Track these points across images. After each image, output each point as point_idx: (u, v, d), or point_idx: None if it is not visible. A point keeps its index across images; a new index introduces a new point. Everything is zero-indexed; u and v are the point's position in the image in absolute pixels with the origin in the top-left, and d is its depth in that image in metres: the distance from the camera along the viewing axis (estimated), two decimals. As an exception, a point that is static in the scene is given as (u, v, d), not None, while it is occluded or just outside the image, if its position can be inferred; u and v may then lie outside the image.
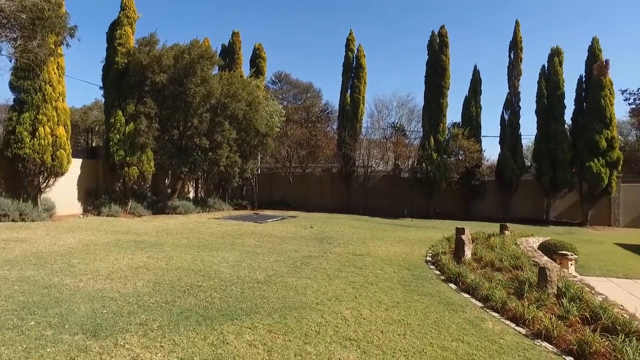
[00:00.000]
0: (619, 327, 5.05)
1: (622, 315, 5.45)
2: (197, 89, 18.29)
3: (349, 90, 26.56)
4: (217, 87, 19.01)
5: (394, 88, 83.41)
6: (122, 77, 18.15)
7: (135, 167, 17.83)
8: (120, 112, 17.83)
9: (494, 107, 62.81)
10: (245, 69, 27.31)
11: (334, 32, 73.79)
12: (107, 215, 16.91)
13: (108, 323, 5.12)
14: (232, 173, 21.42)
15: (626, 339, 4.65)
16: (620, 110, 35.68)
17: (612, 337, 4.76)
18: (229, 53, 26.84)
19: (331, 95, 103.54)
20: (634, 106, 32.47)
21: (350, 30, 27.01)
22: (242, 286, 7.10)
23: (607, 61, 21.82)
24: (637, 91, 31.88)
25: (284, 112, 26.26)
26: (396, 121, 36.98)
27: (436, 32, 24.74)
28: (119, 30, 18.28)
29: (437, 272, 8.58)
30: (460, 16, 64.90)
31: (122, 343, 4.56)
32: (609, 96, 21.52)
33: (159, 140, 18.87)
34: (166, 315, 5.47)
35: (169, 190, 21.94)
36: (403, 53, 70.97)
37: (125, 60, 18.14)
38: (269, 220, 18.18)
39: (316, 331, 5.17)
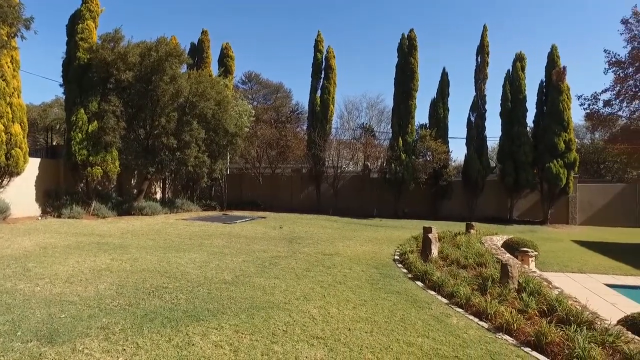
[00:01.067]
0: (572, 318, 5.31)
1: (575, 307, 5.73)
2: (165, 88, 17.87)
3: (318, 91, 26.64)
4: (185, 86, 18.64)
5: (364, 90, 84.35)
6: (84, 74, 17.47)
7: (99, 167, 17.20)
8: (82, 110, 17.16)
9: (461, 110, 64.58)
10: (214, 68, 27.01)
11: (305, 33, 73.99)
12: (69, 217, 16.24)
13: (66, 328, 4.92)
14: (201, 173, 21.07)
15: (578, 329, 4.89)
16: (576, 115, 37.50)
17: (566, 328, 4.99)
18: (198, 52, 26.41)
19: (301, 95, 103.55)
20: (588, 111, 34.08)
21: (319, 32, 27.13)
22: (209, 287, 6.99)
23: (564, 68, 22.81)
24: (591, 97, 33.53)
25: (254, 112, 26.06)
26: (366, 122, 37.47)
27: (406, 36, 25.18)
28: (80, 25, 17.57)
29: (405, 271, 8.72)
30: (430, 20, 66.37)
31: (80, 348, 4.40)
32: (566, 101, 22.51)
33: (124, 140, 18.31)
34: (129, 318, 5.32)
35: (135, 190, 21.33)
36: (373, 55, 71.89)
37: (88, 56, 17.46)
38: (238, 221, 17.98)
39: (284, 330, 5.16)
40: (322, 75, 26.78)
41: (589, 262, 12.14)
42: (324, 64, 26.87)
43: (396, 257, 10.16)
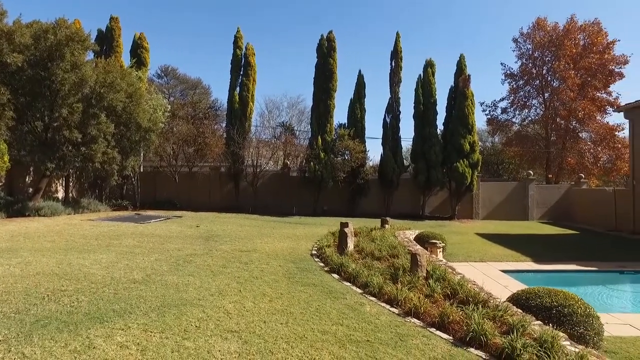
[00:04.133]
0: (471, 299, 5.83)
1: (474, 289, 6.29)
2: (65, 76, 16.26)
3: (237, 88, 26.18)
4: (91, 75, 17.16)
5: (285, 89, 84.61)
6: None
7: (-19, 163, 15.22)
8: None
9: (379, 111, 67.45)
10: (126, 59, 25.24)
11: (224, 29, 72.09)
12: (-55, 219, 14.19)
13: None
14: (110, 170, 19.52)
15: (475, 308, 5.37)
16: (480, 120, 41.08)
17: (465, 307, 5.46)
18: (107, 40, 24.53)
19: (221, 92, 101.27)
20: (489, 116, 37.71)
21: (238, 28, 26.67)
22: (116, 287, 6.54)
23: (469, 75, 24.88)
24: (492, 104, 37.13)
25: (170, 107, 24.86)
26: (286, 121, 37.59)
27: (325, 37, 25.70)
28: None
29: (322, 264, 8.90)
30: (349, 22, 68.37)
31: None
32: (470, 106, 24.54)
33: (15, 132, 16.36)
34: (15, 327, 4.78)
35: (31, 189, 19.22)
36: (295, 55, 72.38)
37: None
38: (152, 221, 17.02)
39: (196, 326, 5.00)
40: (242, 72, 26.36)
41: (488, 252, 13.38)
42: (243, 60, 26.45)
43: (314, 252, 10.33)
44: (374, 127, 63.24)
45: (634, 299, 10.24)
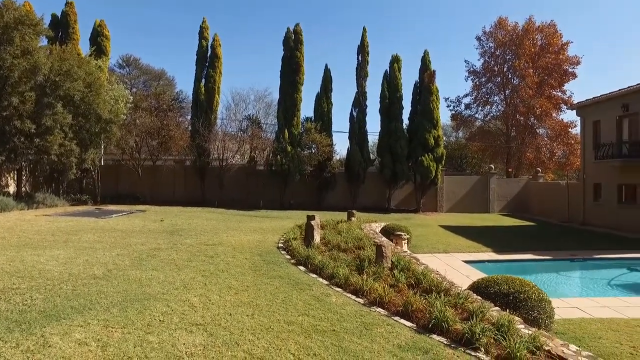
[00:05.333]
0: (434, 288, 6.02)
1: (437, 279, 6.48)
2: (15, 62, 15.35)
3: (203, 80, 25.67)
4: (44, 62, 16.30)
5: (252, 82, 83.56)
6: None
7: None
8: None
9: (346, 105, 67.81)
10: (85, 47, 24.16)
11: (190, 19, 70.11)
12: None
13: None
14: (68, 163, 18.70)
15: (437, 296, 5.54)
16: (444, 115, 42.02)
17: (428, 296, 5.62)
18: (62, 26, 23.39)
19: (185, 84, 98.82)
20: (453, 112, 38.71)
21: (204, 19, 26.12)
22: (74, 283, 6.31)
23: (434, 71, 25.41)
24: (456, 100, 38.12)
25: (132, 98, 24.01)
26: (253, 114, 37.17)
27: (292, 29, 25.53)
28: None
29: (288, 257, 8.90)
30: (317, 16, 68.19)
31: None
32: (435, 101, 25.09)
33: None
34: (-41, 328, 4.52)
35: (-21, 183, 18.17)
36: (261, 47, 71.52)
37: None
38: (113, 215, 16.47)
39: (160, 320, 4.90)
40: (208, 64, 25.83)
41: (451, 244, 13.79)
42: (209, 52, 25.93)
43: (280, 245, 10.32)
44: (341, 121, 63.84)
45: (582, 284, 10.89)
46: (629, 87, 17.92)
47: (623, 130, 18.73)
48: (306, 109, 77.70)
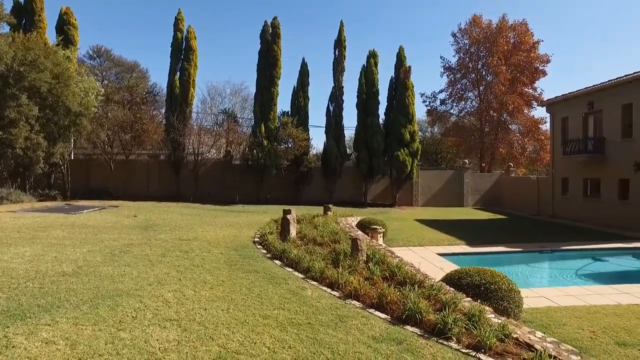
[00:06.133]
0: (408, 280, 6.12)
1: (411, 271, 6.59)
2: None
3: (178, 73, 25.16)
4: (6, 51, 15.63)
5: (228, 76, 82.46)
6: None
7: None
8: None
9: (323, 100, 67.71)
10: (51, 36, 23.23)
11: (164, 11, 68.46)
12: None
13: None
14: (35, 157, 18.05)
15: (411, 288, 5.63)
16: (420, 110, 42.51)
17: (403, 288, 5.71)
18: (27, 13, 22.31)
19: (160, 77, 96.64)
20: (429, 107, 39.24)
21: (179, 10, 25.56)
22: (42, 281, 6.12)
23: (409, 67, 25.65)
24: (431, 95, 38.64)
25: (103, 90, 23.34)
26: (229, 108, 36.70)
27: (269, 23, 25.28)
28: None
29: (264, 251, 8.88)
30: (295, 11, 67.73)
31: None
32: (411, 97, 25.35)
33: None
34: None
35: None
36: (238, 41, 70.50)
37: None
38: (84, 211, 16.02)
39: (133, 316, 4.82)
40: (182, 57, 25.32)
41: (426, 237, 14.02)
42: (184, 44, 25.41)
43: (256, 240, 10.28)
44: (317, 116, 63.73)
45: (549, 275, 11.31)
46: (594, 85, 18.59)
47: (589, 127, 19.43)
48: (283, 104, 77.38)
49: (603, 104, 18.28)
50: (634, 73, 16.27)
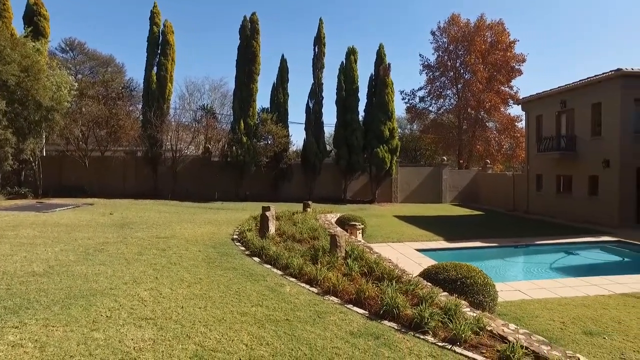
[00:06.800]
0: (386, 276, 6.17)
1: (389, 267, 6.65)
2: None
3: (155, 68, 24.66)
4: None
5: (207, 72, 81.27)
6: None
7: None
8: None
9: (303, 96, 67.46)
10: (18, 27, 22.33)
11: (140, 3, 66.86)
12: None
13: None
14: (3, 154, 17.39)
15: (389, 283, 5.69)
16: (399, 107, 42.84)
17: (381, 284, 5.76)
18: (-9, 2, 21.46)
19: (136, 71, 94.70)
20: (408, 105, 39.63)
21: (155, 3, 24.97)
22: (9, 282, 5.93)
23: (389, 64, 25.81)
24: (410, 93, 39.01)
25: (77, 84, 22.67)
26: (208, 104, 36.21)
27: (248, 18, 25.02)
28: None
29: (242, 248, 8.82)
30: (274, 6, 67.19)
31: None
32: (390, 94, 25.53)
33: None
34: None
35: None
36: (217, 36, 69.55)
37: None
38: (57, 209, 15.59)
39: (107, 316, 4.72)
40: (159, 51, 24.83)
41: (405, 233, 14.17)
42: (161, 38, 24.90)
43: (235, 237, 10.20)
44: (297, 113, 63.54)
45: (524, 269, 11.60)
46: (566, 84, 19.10)
47: (561, 124, 19.96)
48: (262, 100, 76.43)
49: (575, 103, 18.80)
50: (603, 74, 16.79)
